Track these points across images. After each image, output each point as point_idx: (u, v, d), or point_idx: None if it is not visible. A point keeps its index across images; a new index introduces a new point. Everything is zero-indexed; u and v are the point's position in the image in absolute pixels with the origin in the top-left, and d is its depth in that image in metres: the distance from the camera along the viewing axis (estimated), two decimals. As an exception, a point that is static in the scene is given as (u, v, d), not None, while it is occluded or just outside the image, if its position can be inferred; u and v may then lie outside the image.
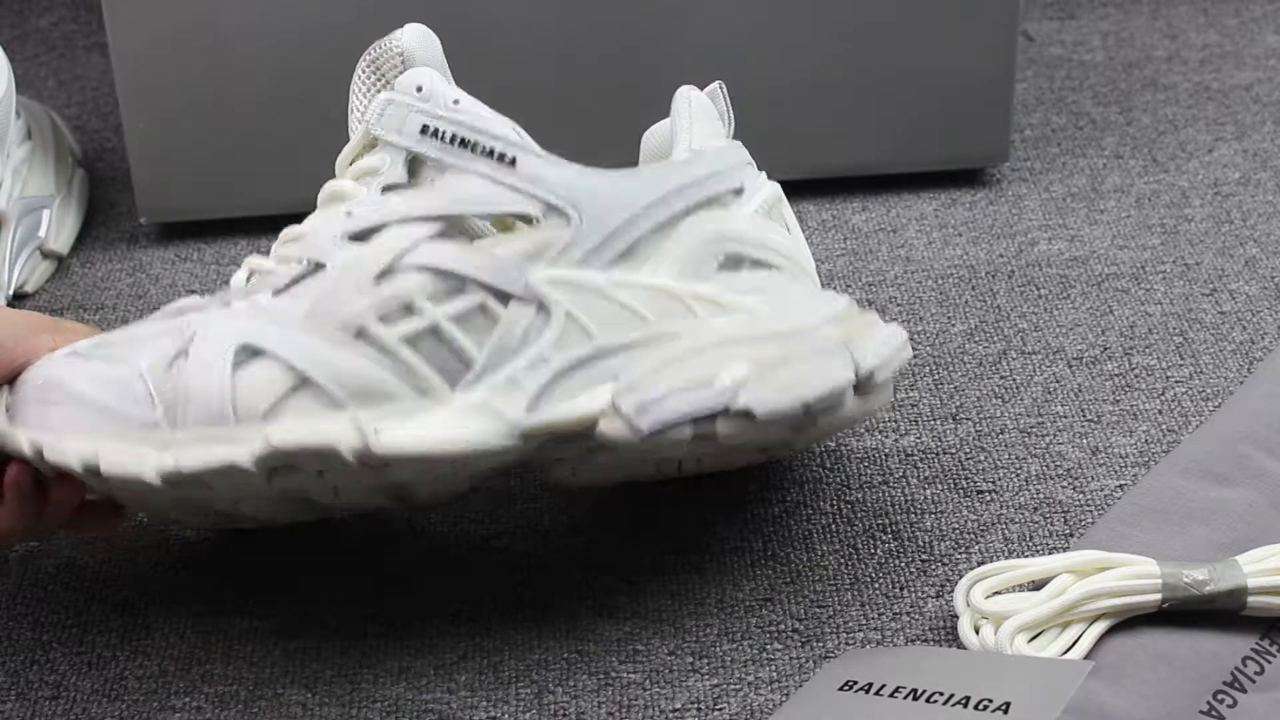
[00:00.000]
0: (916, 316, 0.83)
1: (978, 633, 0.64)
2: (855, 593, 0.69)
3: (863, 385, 0.64)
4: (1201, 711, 0.61)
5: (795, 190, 0.90)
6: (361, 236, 0.64)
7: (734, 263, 0.66)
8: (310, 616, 0.68)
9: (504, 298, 0.63)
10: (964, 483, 0.74)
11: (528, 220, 0.64)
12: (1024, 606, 0.64)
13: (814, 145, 0.91)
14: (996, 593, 0.65)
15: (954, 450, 0.75)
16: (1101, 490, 0.73)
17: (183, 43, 0.85)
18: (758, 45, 0.87)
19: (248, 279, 0.65)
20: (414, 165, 0.65)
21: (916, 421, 0.77)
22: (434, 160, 0.64)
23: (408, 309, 0.62)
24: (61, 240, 0.89)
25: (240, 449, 0.60)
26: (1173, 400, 0.78)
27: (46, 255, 0.88)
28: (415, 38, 0.67)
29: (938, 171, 0.93)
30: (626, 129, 0.76)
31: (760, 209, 0.67)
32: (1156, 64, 1.04)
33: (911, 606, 0.68)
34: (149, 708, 0.65)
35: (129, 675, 0.66)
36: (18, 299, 0.86)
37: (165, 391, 0.61)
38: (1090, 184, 0.93)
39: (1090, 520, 0.71)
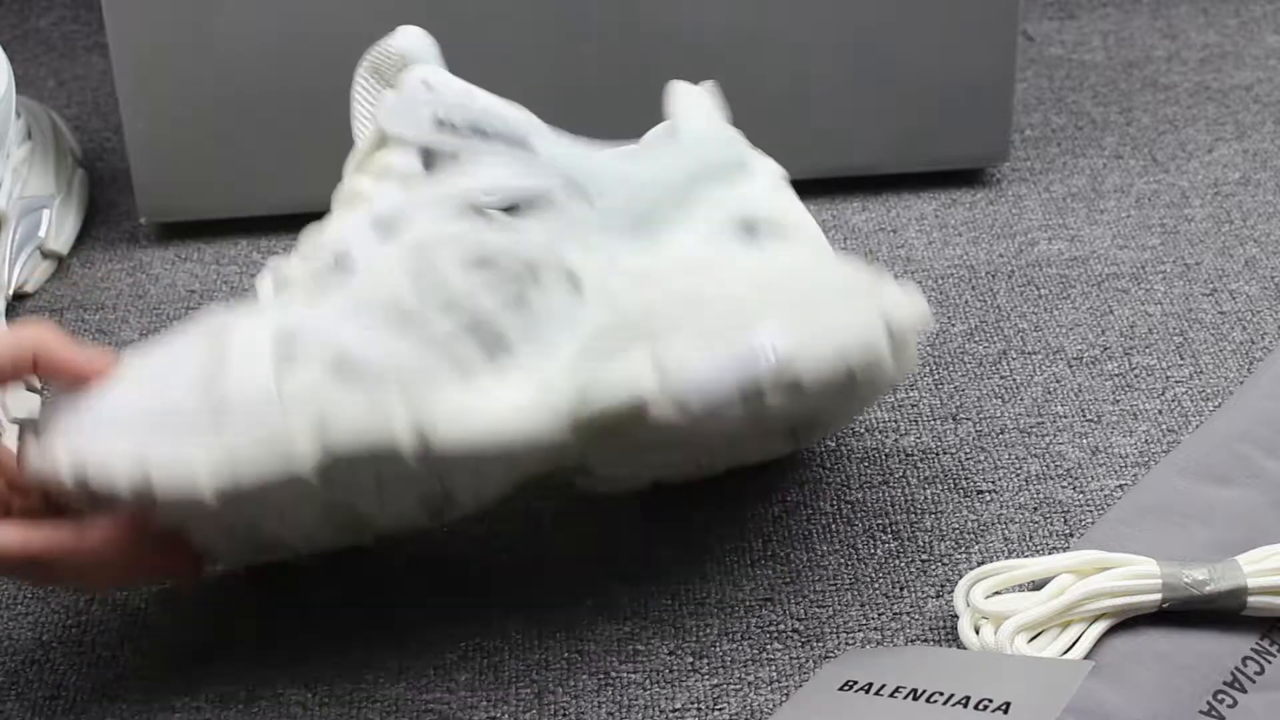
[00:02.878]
0: (916, 316, 0.83)
1: (978, 632, 0.64)
2: (855, 593, 0.69)
3: (895, 336, 0.64)
4: (1201, 711, 0.61)
5: (795, 190, 0.90)
6: (389, 228, 0.63)
7: (751, 230, 0.67)
8: (310, 616, 0.68)
9: (536, 275, 0.63)
10: (964, 483, 0.74)
11: (549, 200, 0.65)
12: (1024, 606, 0.64)
13: (814, 145, 0.91)
14: (996, 593, 0.65)
15: (954, 450, 0.75)
16: (1101, 490, 0.73)
17: (183, 43, 0.85)
18: (758, 45, 0.87)
19: (273, 281, 0.65)
20: (429, 158, 0.65)
21: (916, 421, 0.77)
22: (450, 150, 0.65)
23: (443, 292, 0.62)
24: (61, 240, 0.89)
25: (295, 448, 0.58)
26: (1173, 400, 0.78)
27: (46, 255, 0.88)
28: (412, 39, 0.67)
29: (938, 171, 0.93)
30: (625, 130, 0.76)
31: (770, 183, 0.69)
32: (1156, 64, 1.04)
33: (911, 606, 0.68)
34: (149, 708, 0.65)
35: (129, 675, 0.66)
36: (17, 299, 0.86)
37: (212, 401, 0.59)
38: (1090, 184, 0.93)
39: (1090, 520, 0.71)
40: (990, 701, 0.57)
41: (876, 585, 0.69)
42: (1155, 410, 0.77)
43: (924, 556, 0.70)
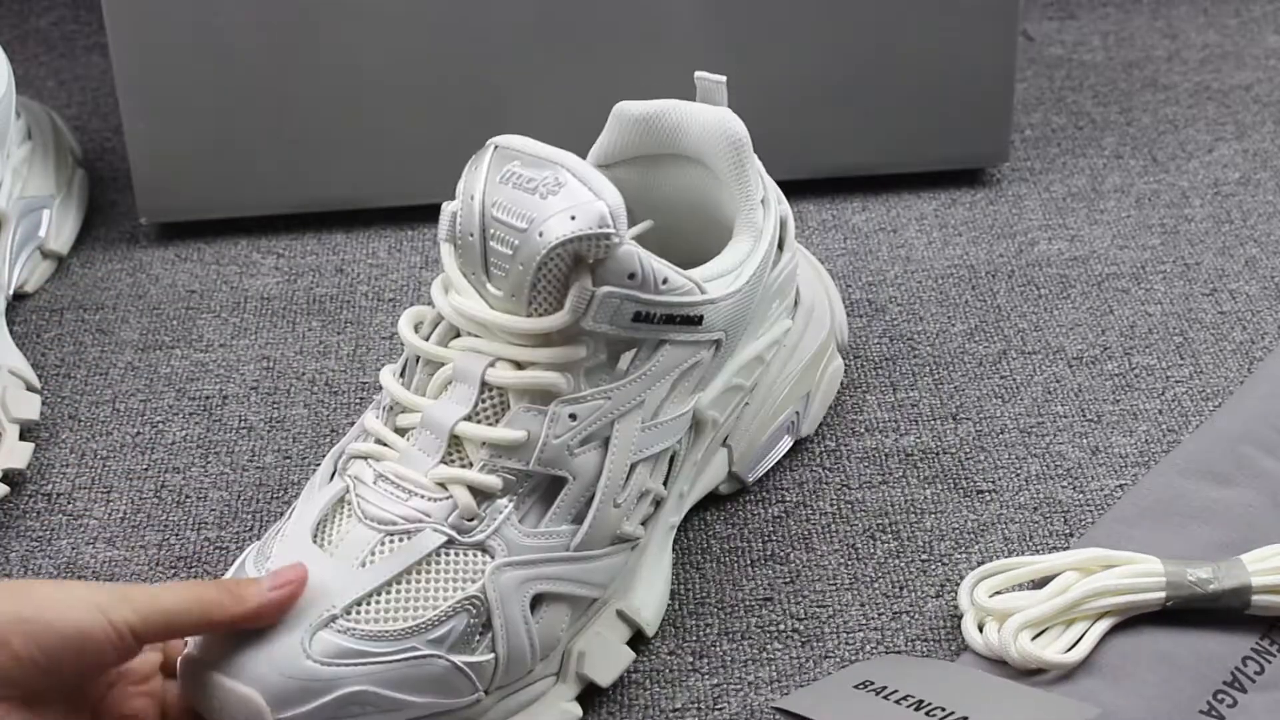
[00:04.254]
0: (916, 316, 0.83)
1: (981, 630, 0.64)
2: (855, 593, 0.69)
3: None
4: (1201, 711, 0.61)
5: (795, 190, 0.90)
6: (592, 440, 0.62)
7: (789, 304, 0.72)
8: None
9: (681, 438, 0.65)
10: (964, 483, 0.74)
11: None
12: (1028, 604, 0.64)
13: (814, 145, 0.91)
14: (999, 591, 0.65)
15: (954, 450, 0.75)
16: (1101, 490, 0.73)
17: (183, 43, 0.85)
18: (758, 45, 0.87)
19: (448, 493, 0.61)
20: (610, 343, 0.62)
21: (916, 421, 0.77)
22: (640, 340, 0.62)
23: (644, 494, 0.64)
24: (61, 240, 0.89)
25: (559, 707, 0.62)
26: (1173, 400, 0.78)
27: (46, 255, 0.88)
28: (617, 206, 0.59)
29: (938, 171, 0.93)
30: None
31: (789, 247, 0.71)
32: (1156, 64, 1.04)
33: (911, 606, 0.68)
34: (149, 707, 0.65)
35: (129, 675, 0.66)
36: (17, 299, 0.86)
37: (479, 669, 0.59)
38: (1090, 184, 0.93)
39: (1090, 520, 0.71)
40: None
41: (876, 585, 0.69)
42: (1155, 410, 0.77)
43: (924, 556, 0.70)
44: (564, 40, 0.86)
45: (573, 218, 0.58)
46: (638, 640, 0.66)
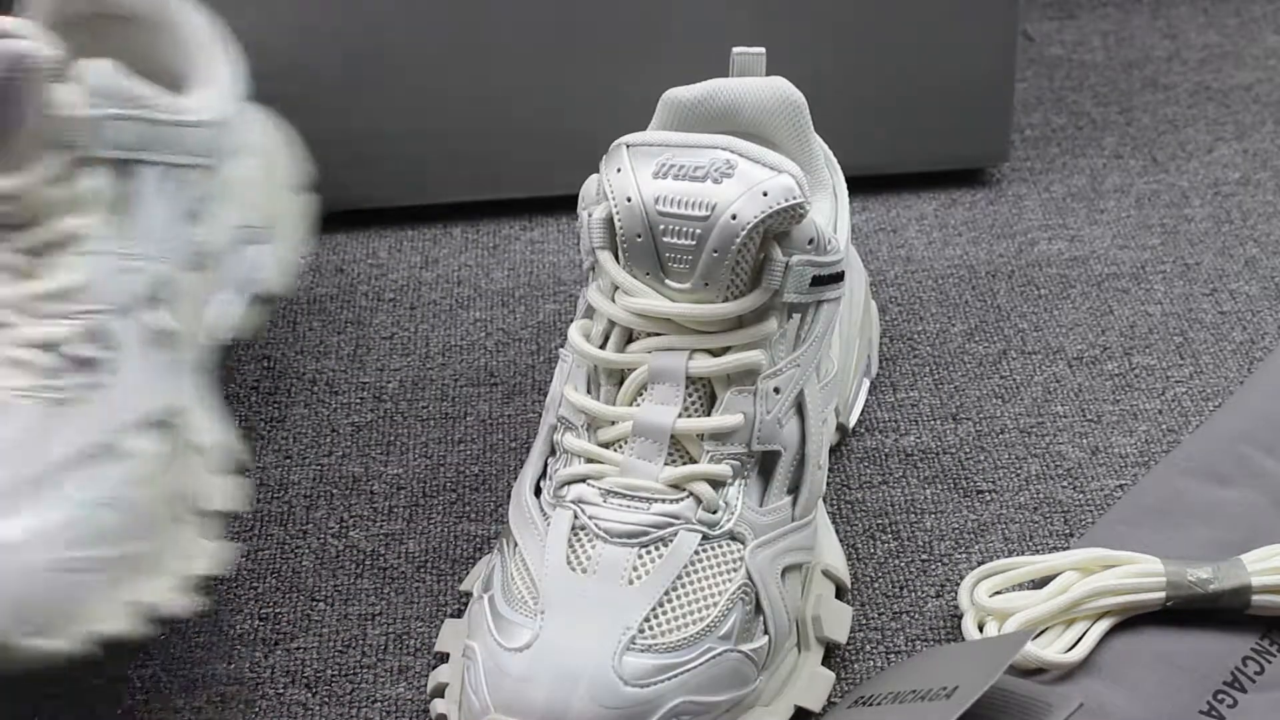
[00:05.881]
0: (916, 316, 0.83)
1: (981, 630, 0.64)
2: (855, 593, 0.69)
3: None
4: (1201, 711, 0.61)
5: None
6: (791, 409, 0.62)
7: None
8: (310, 616, 0.68)
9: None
10: (964, 483, 0.74)
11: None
12: (1028, 604, 0.64)
13: (814, 145, 0.91)
14: (998, 592, 0.65)
15: (954, 450, 0.75)
16: (1101, 490, 0.73)
17: (182, 42, 0.85)
18: (758, 46, 0.87)
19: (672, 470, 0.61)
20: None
21: (916, 421, 0.77)
22: (808, 304, 0.63)
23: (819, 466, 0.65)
24: (276, 280, 0.76)
25: None
26: (1173, 400, 0.78)
27: (261, 296, 0.75)
28: (799, 174, 0.60)
29: (938, 171, 0.93)
30: (623, 129, 0.76)
31: None
32: (1156, 64, 1.04)
33: (911, 606, 0.68)
34: (149, 708, 0.65)
35: (129, 675, 0.66)
36: (227, 349, 0.75)
37: (759, 654, 0.60)
38: (1090, 184, 0.93)
39: (1090, 520, 0.71)
40: (944, 689, 0.58)
41: (876, 585, 0.69)
42: (1155, 410, 0.77)
43: (924, 556, 0.70)
44: (563, 40, 0.86)
45: (765, 194, 0.59)
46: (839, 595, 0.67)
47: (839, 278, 0.63)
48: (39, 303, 0.61)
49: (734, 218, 0.58)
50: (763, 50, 0.69)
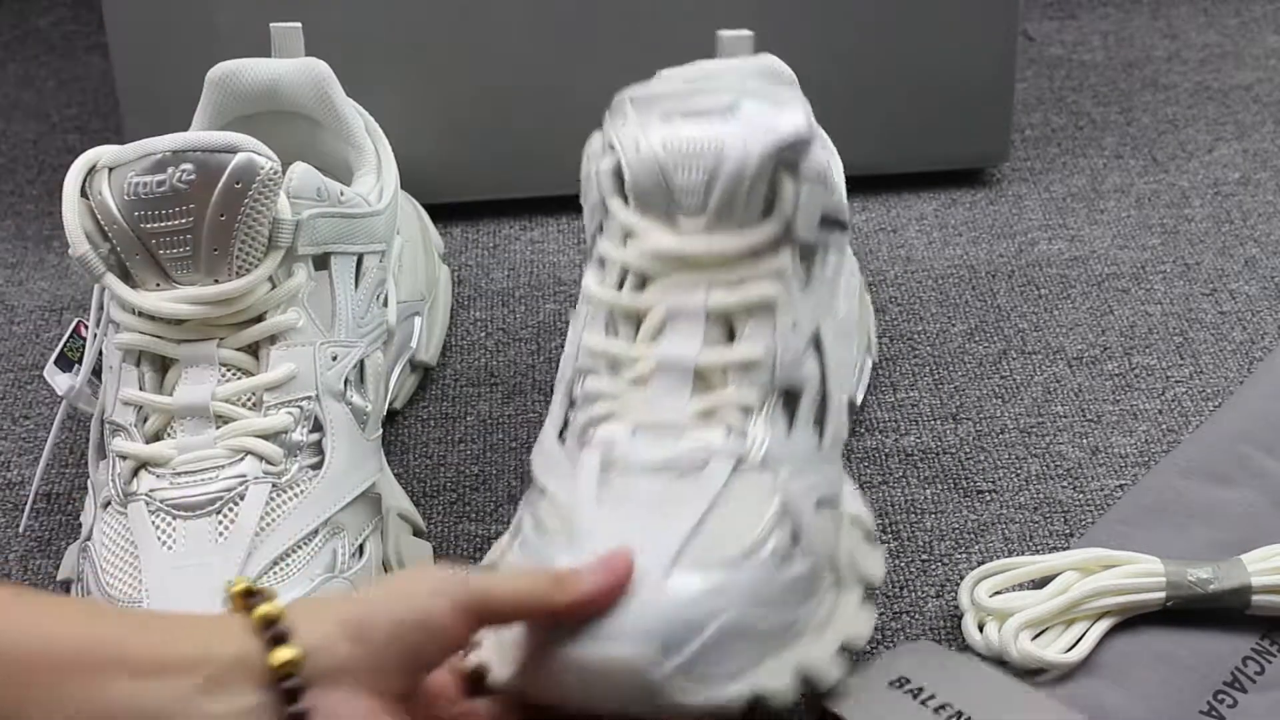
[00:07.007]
0: (916, 316, 0.83)
1: (981, 630, 0.64)
2: (856, 592, 0.69)
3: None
4: (1202, 711, 0.61)
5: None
6: (809, 345, 0.62)
7: None
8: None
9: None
10: (964, 483, 0.74)
11: None
12: (1028, 604, 0.64)
13: (814, 145, 0.91)
14: (998, 592, 0.65)
15: (954, 450, 0.75)
16: (1101, 490, 0.73)
17: (183, 43, 0.85)
18: (757, 46, 0.87)
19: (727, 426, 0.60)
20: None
21: (916, 421, 0.77)
22: (817, 245, 0.62)
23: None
24: (431, 350, 0.80)
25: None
26: (1173, 400, 0.78)
27: (415, 367, 0.79)
28: (807, 105, 0.61)
29: (938, 171, 0.93)
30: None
31: None
32: (1156, 64, 1.04)
33: (911, 606, 0.68)
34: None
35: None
36: (389, 416, 0.77)
37: (797, 582, 0.58)
38: (1090, 184, 0.93)
39: (1090, 520, 0.71)
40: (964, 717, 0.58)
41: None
42: (1155, 410, 0.77)
43: (924, 556, 0.70)
44: (562, 39, 0.86)
45: (771, 128, 0.59)
46: None
47: (844, 226, 0.64)
48: (265, 393, 0.65)
49: (743, 151, 0.59)
50: (750, 33, 0.69)
